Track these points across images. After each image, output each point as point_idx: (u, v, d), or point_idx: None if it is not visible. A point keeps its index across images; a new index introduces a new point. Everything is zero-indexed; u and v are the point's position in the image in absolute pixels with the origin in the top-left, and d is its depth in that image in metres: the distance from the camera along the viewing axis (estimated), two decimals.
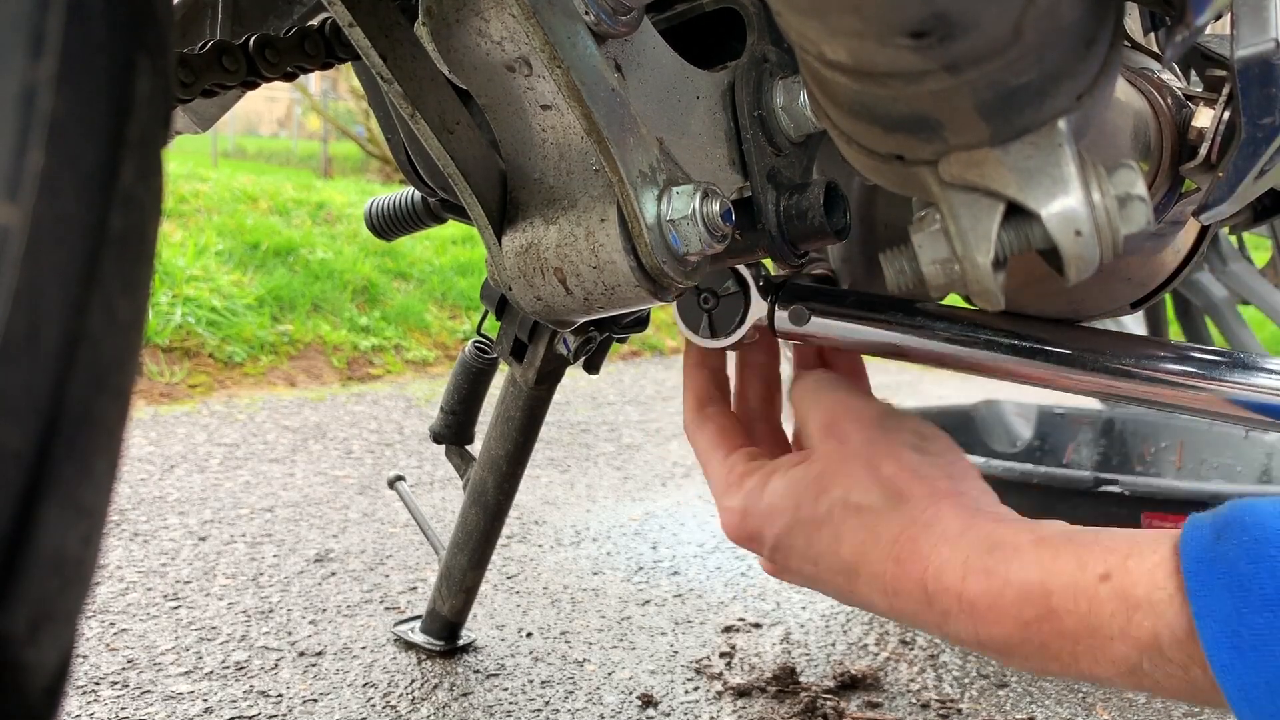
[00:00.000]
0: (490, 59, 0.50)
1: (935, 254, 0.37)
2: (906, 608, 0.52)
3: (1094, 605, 0.46)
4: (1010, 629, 0.48)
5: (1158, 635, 0.44)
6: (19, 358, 0.22)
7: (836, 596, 0.57)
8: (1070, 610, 0.47)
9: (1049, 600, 0.47)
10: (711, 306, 0.63)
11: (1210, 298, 2.11)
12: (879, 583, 0.53)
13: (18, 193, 0.21)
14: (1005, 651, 0.50)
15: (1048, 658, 0.48)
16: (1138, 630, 0.45)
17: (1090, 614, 0.46)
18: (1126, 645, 0.45)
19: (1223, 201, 0.53)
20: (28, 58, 0.21)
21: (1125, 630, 0.45)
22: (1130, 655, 0.45)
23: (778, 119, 0.54)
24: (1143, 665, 0.45)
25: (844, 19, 0.31)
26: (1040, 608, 0.47)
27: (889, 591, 0.53)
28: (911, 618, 0.53)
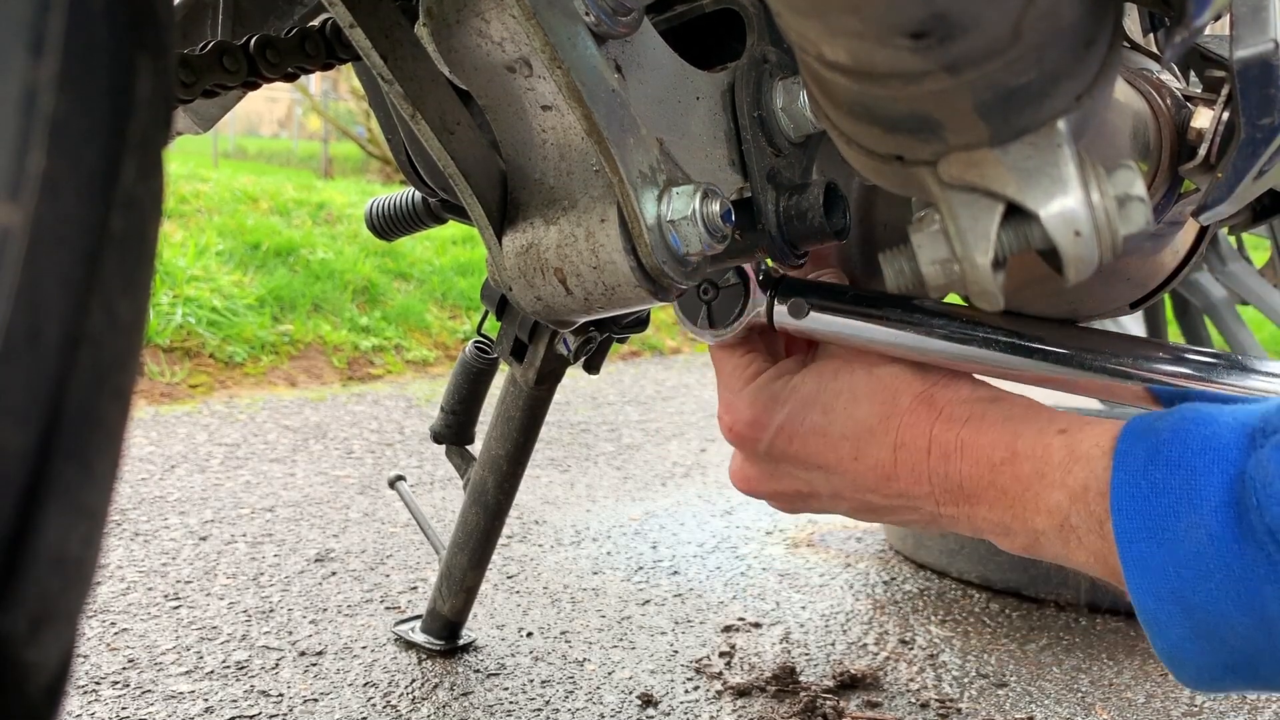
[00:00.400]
0: (491, 60, 0.50)
1: (935, 254, 0.37)
2: (906, 461, 0.56)
3: (1047, 452, 0.51)
4: (983, 469, 0.54)
5: (1086, 486, 0.49)
6: (20, 358, 0.22)
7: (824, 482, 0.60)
8: (1029, 455, 0.52)
9: (1016, 443, 0.53)
10: (711, 298, 0.63)
11: (1209, 298, 2.11)
12: (890, 438, 0.57)
13: (19, 193, 0.21)
14: (974, 497, 0.54)
15: (1003, 506, 0.53)
16: (1073, 480, 0.50)
17: (1043, 459, 0.51)
18: (1062, 493, 0.50)
19: (1222, 202, 0.53)
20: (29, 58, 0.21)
21: (1064, 479, 0.50)
22: (1063, 504, 0.50)
23: (777, 119, 0.54)
24: (1071, 517, 0.50)
25: (844, 19, 0.31)
26: (1009, 450, 0.53)
27: (895, 445, 0.57)
28: (906, 477, 0.57)
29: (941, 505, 0.57)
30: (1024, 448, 0.53)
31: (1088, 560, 0.50)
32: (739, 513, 2.01)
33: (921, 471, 0.56)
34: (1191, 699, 1.25)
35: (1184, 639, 0.45)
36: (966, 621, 1.48)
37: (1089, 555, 0.50)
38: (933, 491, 0.56)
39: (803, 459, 0.60)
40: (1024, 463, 0.52)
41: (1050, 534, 0.51)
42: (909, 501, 0.58)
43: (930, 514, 0.57)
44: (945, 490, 0.56)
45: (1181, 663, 0.46)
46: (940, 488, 0.56)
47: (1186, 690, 1.27)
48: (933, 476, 0.56)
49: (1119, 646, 1.40)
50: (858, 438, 0.58)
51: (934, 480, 0.56)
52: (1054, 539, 0.51)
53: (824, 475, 0.60)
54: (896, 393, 0.58)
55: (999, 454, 0.53)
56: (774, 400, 0.60)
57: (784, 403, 0.60)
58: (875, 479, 0.58)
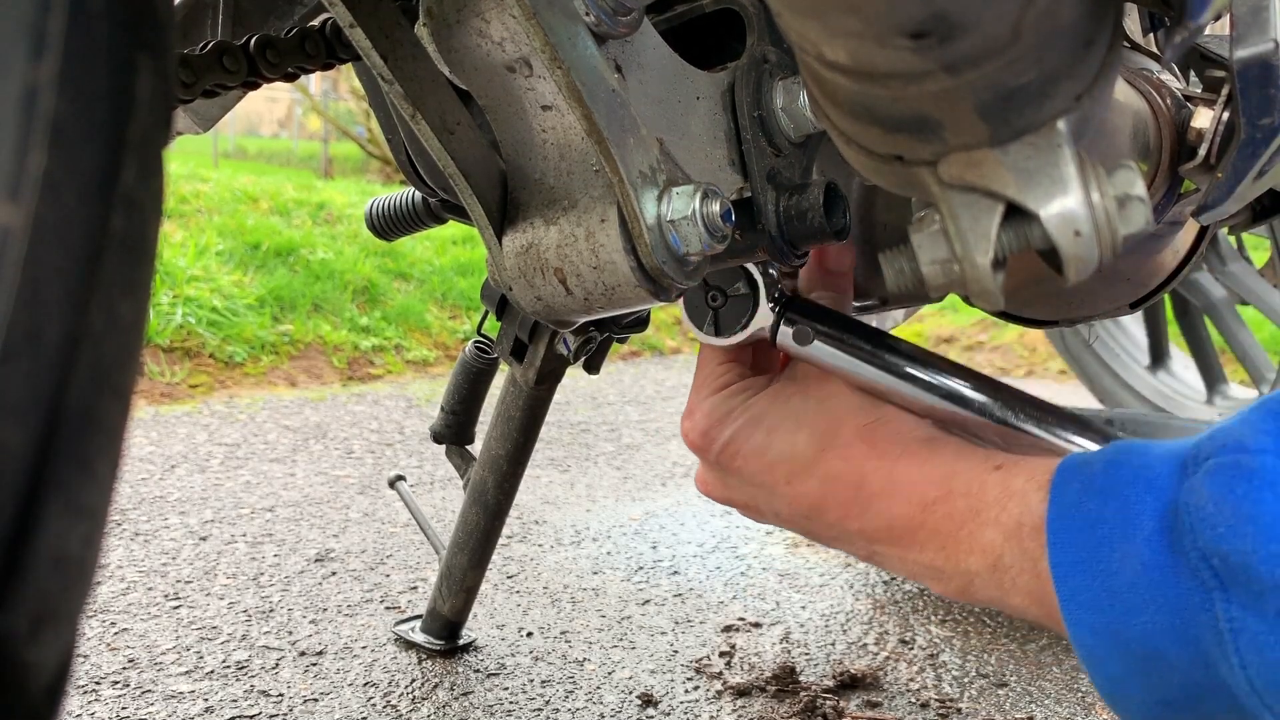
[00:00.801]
0: (491, 60, 0.50)
1: (935, 254, 0.37)
2: (837, 496, 0.55)
3: (982, 489, 0.50)
4: (915, 509, 0.52)
5: (1021, 522, 0.47)
6: (21, 358, 0.22)
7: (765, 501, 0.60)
8: (963, 493, 0.51)
9: (951, 482, 0.52)
10: (719, 305, 0.63)
11: (1209, 298, 2.11)
12: (822, 469, 0.56)
13: (19, 193, 0.21)
14: (905, 539, 0.53)
15: (935, 547, 0.51)
16: (1008, 516, 0.48)
17: (978, 496, 0.50)
18: (996, 531, 0.49)
19: (1222, 202, 0.53)
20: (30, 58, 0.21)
21: (998, 516, 0.49)
22: (997, 542, 0.48)
23: (777, 119, 0.54)
24: (1005, 556, 0.48)
25: (844, 20, 0.31)
26: (943, 489, 0.52)
27: (825, 479, 0.56)
28: (835, 511, 0.56)
29: (874, 543, 0.55)
30: (959, 486, 0.51)
31: (1023, 602, 0.49)
32: (738, 512, 2.01)
33: (851, 508, 0.55)
34: None
35: (1123, 675, 0.44)
36: (966, 621, 1.48)
37: (1024, 596, 0.48)
38: (863, 529, 0.55)
39: (745, 475, 0.60)
40: (958, 500, 0.51)
41: (984, 575, 0.50)
42: (842, 534, 0.57)
43: (865, 550, 0.56)
44: (875, 529, 0.55)
45: (1123, 700, 0.45)
46: (871, 525, 0.55)
47: None
48: (863, 514, 0.55)
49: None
50: (792, 463, 0.57)
51: (864, 518, 0.55)
52: (988, 580, 0.50)
53: (765, 494, 0.60)
54: (839, 425, 0.57)
55: (932, 492, 0.52)
56: (728, 415, 0.60)
57: (736, 419, 0.60)
58: (807, 508, 0.57)
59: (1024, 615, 0.49)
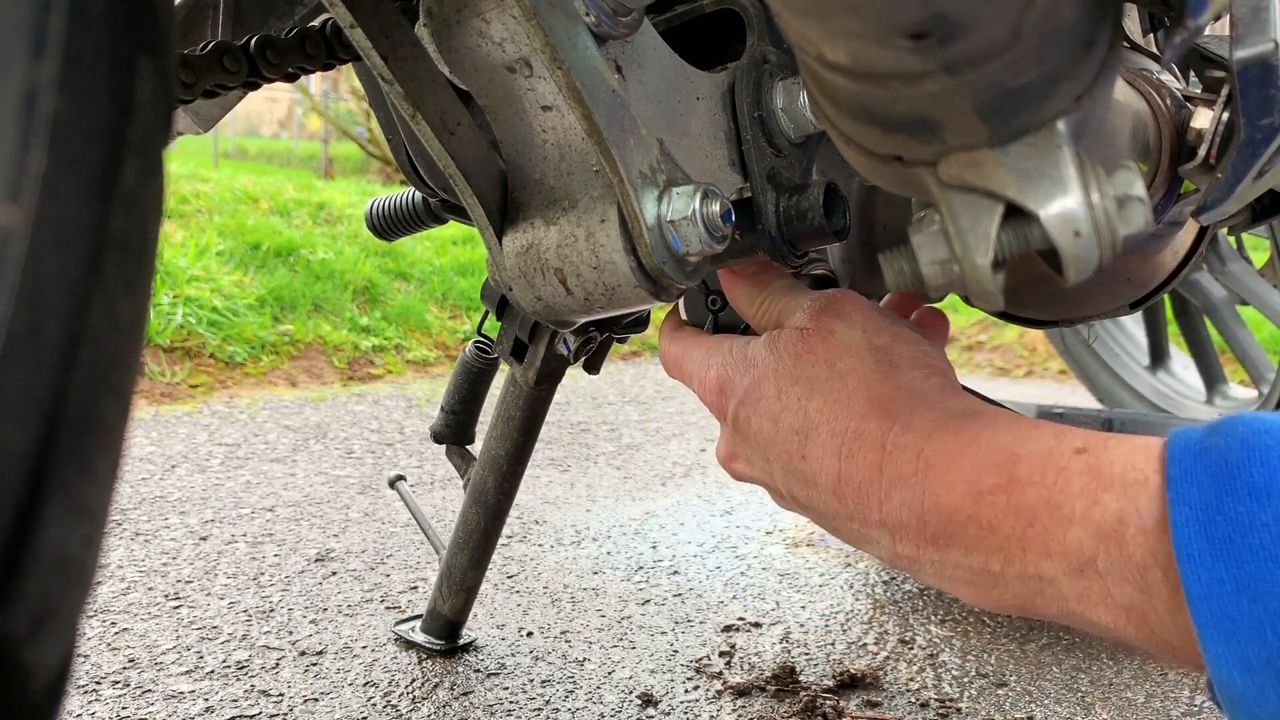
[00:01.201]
0: (491, 60, 0.50)
1: (934, 254, 0.37)
2: (854, 476, 0.47)
3: (1061, 478, 0.41)
4: (961, 498, 0.43)
5: (1124, 520, 0.39)
6: (21, 358, 0.22)
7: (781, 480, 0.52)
8: (1035, 481, 0.41)
9: (1015, 467, 0.42)
10: (719, 309, 0.63)
11: (1209, 298, 2.11)
12: (835, 442, 0.48)
13: (20, 194, 0.21)
14: (944, 536, 0.44)
15: (990, 547, 0.42)
16: (1102, 513, 0.39)
17: (1056, 487, 0.41)
18: (1085, 530, 0.40)
19: (1221, 202, 0.53)
20: (30, 59, 0.21)
21: (1088, 512, 0.40)
22: (1086, 544, 0.40)
23: (777, 120, 0.54)
24: (1097, 561, 0.39)
25: (843, 20, 0.31)
26: (1002, 475, 0.42)
27: (842, 454, 0.47)
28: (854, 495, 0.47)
29: (898, 540, 0.46)
30: (1026, 472, 0.42)
31: (1116, 619, 0.40)
32: (739, 512, 2.01)
33: (871, 495, 0.46)
34: (1191, 699, 1.25)
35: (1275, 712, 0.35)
36: (966, 621, 1.48)
37: (1119, 612, 0.40)
38: (884, 522, 0.46)
39: (759, 444, 0.52)
40: (1026, 490, 0.42)
41: (1062, 583, 0.41)
42: (863, 528, 0.48)
43: (887, 548, 0.47)
44: (900, 524, 0.45)
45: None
46: (894, 519, 0.45)
47: (1186, 689, 1.27)
48: (885, 504, 0.46)
49: (1119, 646, 1.40)
50: (805, 434, 0.49)
51: (885, 509, 0.46)
52: (1068, 589, 0.41)
53: (780, 472, 0.52)
54: (851, 393, 0.49)
55: (988, 479, 0.43)
56: (746, 364, 0.53)
57: (750, 369, 0.53)
58: (824, 487, 0.49)
59: (1110, 634, 0.41)
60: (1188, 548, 0.36)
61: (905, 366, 0.49)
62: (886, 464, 0.46)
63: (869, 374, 0.49)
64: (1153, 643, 0.39)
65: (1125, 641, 0.41)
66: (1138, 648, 0.41)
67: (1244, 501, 0.36)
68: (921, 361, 0.50)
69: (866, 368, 0.50)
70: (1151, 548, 0.38)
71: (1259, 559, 0.35)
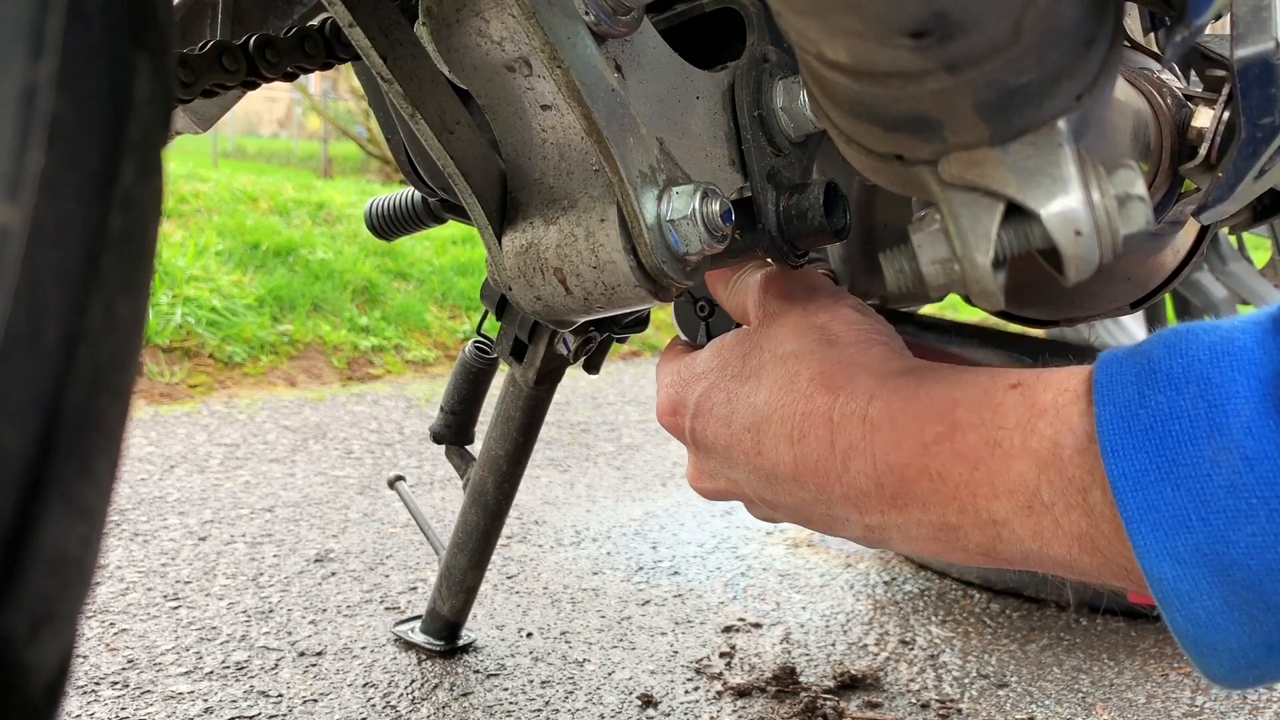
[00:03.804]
0: (490, 59, 0.50)
1: (935, 254, 0.37)
2: (810, 457, 0.46)
3: (998, 414, 0.40)
4: (909, 454, 0.42)
5: (1059, 444, 0.38)
6: (19, 358, 0.22)
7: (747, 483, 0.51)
8: (974, 423, 0.41)
9: (953, 412, 0.42)
10: (708, 315, 0.63)
11: (1210, 298, 2.11)
12: (786, 428, 0.47)
13: (18, 193, 0.21)
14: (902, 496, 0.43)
15: (944, 499, 0.42)
16: (1039, 441, 0.39)
17: (993, 424, 0.40)
18: (1026, 463, 0.39)
19: (1222, 201, 0.53)
20: (28, 58, 0.21)
21: (1026, 443, 0.39)
22: (1029, 477, 0.39)
23: (777, 119, 0.54)
24: (1041, 493, 0.38)
25: (844, 19, 0.31)
26: (944, 423, 0.42)
27: (794, 438, 0.47)
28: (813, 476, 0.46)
29: (864, 512, 0.45)
30: (965, 415, 0.41)
31: (1069, 550, 0.39)
32: (739, 513, 2.01)
33: (829, 471, 0.46)
34: (1192, 700, 1.25)
35: (1216, 612, 0.34)
36: (967, 622, 1.48)
37: (1070, 542, 0.38)
38: (847, 495, 0.45)
39: (717, 450, 0.52)
40: (967, 433, 0.41)
41: (1015, 522, 0.40)
42: (830, 509, 0.47)
43: (860, 526, 0.47)
44: (861, 493, 0.45)
45: (1211, 648, 0.35)
46: (855, 490, 0.45)
47: (1187, 690, 1.27)
48: (843, 476, 0.45)
49: (1120, 647, 1.40)
50: (758, 428, 0.49)
51: (845, 481, 0.45)
52: (1020, 528, 0.40)
53: (744, 474, 0.51)
54: (794, 374, 0.48)
55: (931, 429, 0.42)
56: (695, 378, 0.53)
57: (700, 380, 0.53)
58: (785, 477, 0.48)
59: (1071, 570, 0.40)
60: (1111, 444, 0.36)
61: (845, 342, 0.49)
62: (837, 437, 0.45)
63: (809, 354, 0.49)
64: (1108, 570, 0.38)
65: (1085, 576, 0.40)
66: (1098, 580, 0.40)
67: (1164, 392, 0.35)
68: (860, 335, 0.50)
69: (807, 348, 0.49)
70: (1088, 465, 0.37)
71: (1179, 443, 0.34)
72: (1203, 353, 0.35)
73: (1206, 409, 0.34)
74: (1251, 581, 0.33)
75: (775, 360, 0.50)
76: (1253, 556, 0.33)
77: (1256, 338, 0.35)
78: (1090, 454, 0.37)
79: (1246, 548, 0.33)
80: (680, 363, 0.56)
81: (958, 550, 0.43)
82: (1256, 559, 0.33)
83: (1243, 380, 0.34)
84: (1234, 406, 0.34)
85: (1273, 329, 0.35)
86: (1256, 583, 0.33)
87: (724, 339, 0.53)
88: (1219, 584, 0.34)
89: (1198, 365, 0.35)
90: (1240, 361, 0.34)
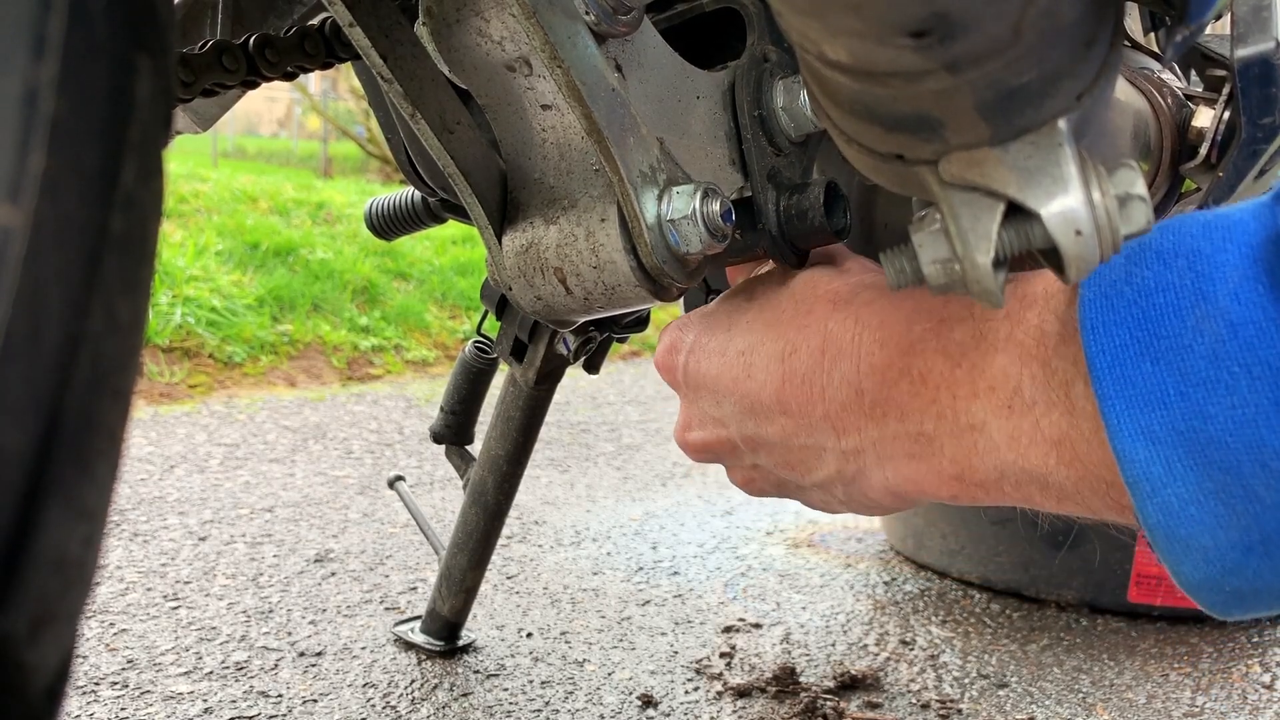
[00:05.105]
0: (490, 59, 0.50)
1: (935, 253, 0.37)
2: (797, 371, 0.45)
3: (988, 309, 0.38)
4: (893, 352, 0.40)
5: (1045, 332, 0.36)
6: (20, 359, 0.22)
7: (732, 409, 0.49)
8: (961, 317, 0.39)
9: (944, 308, 0.40)
10: None
11: None
12: (779, 345, 0.46)
13: (19, 194, 0.21)
14: (881, 404, 0.41)
15: (923, 404, 0.39)
16: (1025, 331, 0.37)
17: (982, 317, 0.38)
18: (1010, 356, 0.37)
19: (1223, 201, 0.53)
20: (30, 59, 0.21)
21: (1011, 334, 0.37)
22: (1011, 371, 0.36)
23: (778, 119, 0.54)
24: (1023, 388, 0.36)
25: (844, 19, 0.31)
26: (932, 319, 0.40)
27: (785, 354, 0.45)
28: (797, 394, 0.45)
29: (842, 434, 0.43)
30: (955, 311, 0.39)
31: (1046, 459, 0.36)
32: (739, 513, 2.01)
33: (814, 384, 0.43)
34: (1192, 700, 1.25)
35: (1190, 499, 0.31)
36: (967, 622, 1.48)
37: (1049, 449, 0.35)
38: (828, 412, 0.43)
39: (707, 383, 0.50)
40: (954, 328, 0.39)
41: (992, 425, 0.37)
42: (810, 436, 0.45)
43: (834, 454, 0.44)
44: (842, 405, 0.42)
45: (1183, 544, 0.32)
46: (836, 403, 0.42)
47: (1187, 690, 1.27)
48: (827, 389, 0.43)
49: (1120, 647, 1.40)
50: (751, 350, 0.47)
51: (828, 394, 0.43)
52: (997, 433, 0.37)
53: (729, 406, 0.49)
54: (800, 296, 0.47)
55: (918, 328, 0.40)
56: (688, 323, 0.54)
57: (696, 324, 0.53)
58: (769, 405, 0.46)
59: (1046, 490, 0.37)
60: (1091, 320, 0.33)
61: (856, 270, 0.48)
62: (828, 345, 0.44)
63: (819, 279, 0.48)
64: (1086, 484, 0.35)
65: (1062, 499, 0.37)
66: (1073, 507, 0.37)
67: (1151, 266, 0.33)
68: (874, 268, 0.49)
69: (815, 274, 0.48)
70: (1073, 356, 0.35)
71: (1162, 316, 0.32)
72: (1195, 228, 0.33)
73: (1194, 279, 0.32)
74: (1230, 463, 0.30)
75: (784, 290, 0.49)
76: (1231, 433, 0.30)
77: (1252, 211, 0.33)
78: (1075, 343, 0.34)
79: (1225, 423, 0.30)
80: (699, 312, 0.55)
81: (932, 472, 0.40)
82: (1235, 436, 0.30)
83: (1233, 249, 0.32)
84: (1222, 275, 0.31)
85: (1271, 201, 0.32)
86: (1235, 464, 0.30)
87: (734, 287, 0.53)
88: (1195, 466, 0.31)
89: (1188, 239, 0.33)
90: (1233, 233, 0.32)
